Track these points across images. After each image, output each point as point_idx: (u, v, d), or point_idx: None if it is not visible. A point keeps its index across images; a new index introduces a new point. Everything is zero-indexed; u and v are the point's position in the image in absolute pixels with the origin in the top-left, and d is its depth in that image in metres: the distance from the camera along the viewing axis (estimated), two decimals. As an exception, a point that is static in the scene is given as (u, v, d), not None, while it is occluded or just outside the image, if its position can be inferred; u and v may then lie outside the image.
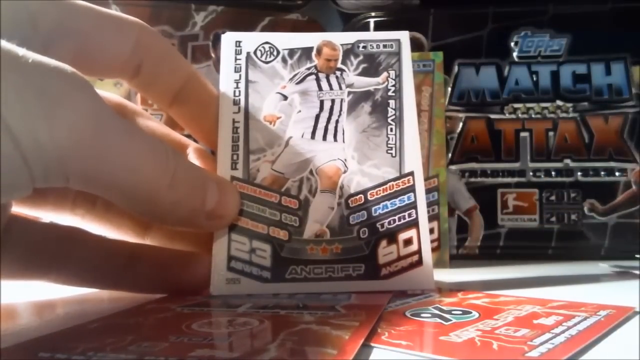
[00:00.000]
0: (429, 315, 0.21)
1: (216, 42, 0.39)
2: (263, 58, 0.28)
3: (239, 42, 0.28)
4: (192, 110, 0.27)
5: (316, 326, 0.19)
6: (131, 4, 0.38)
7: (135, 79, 0.26)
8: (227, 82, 0.28)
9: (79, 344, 0.18)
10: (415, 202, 0.26)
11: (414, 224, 0.26)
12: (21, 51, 0.18)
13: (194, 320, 0.20)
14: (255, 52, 0.28)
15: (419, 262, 0.26)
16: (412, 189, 0.27)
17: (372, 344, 0.18)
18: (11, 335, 0.21)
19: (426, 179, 0.36)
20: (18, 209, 0.25)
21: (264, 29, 0.40)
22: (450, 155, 0.41)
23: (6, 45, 0.18)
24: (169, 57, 0.27)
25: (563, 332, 0.19)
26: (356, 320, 0.20)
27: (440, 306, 0.23)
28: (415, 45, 0.41)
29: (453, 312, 0.22)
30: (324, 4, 0.43)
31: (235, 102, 0.27)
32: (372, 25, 0.42)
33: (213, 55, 0.40)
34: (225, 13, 0.40)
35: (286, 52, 0.28)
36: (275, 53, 0.28)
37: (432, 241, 0.36)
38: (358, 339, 0.18)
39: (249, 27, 0.40)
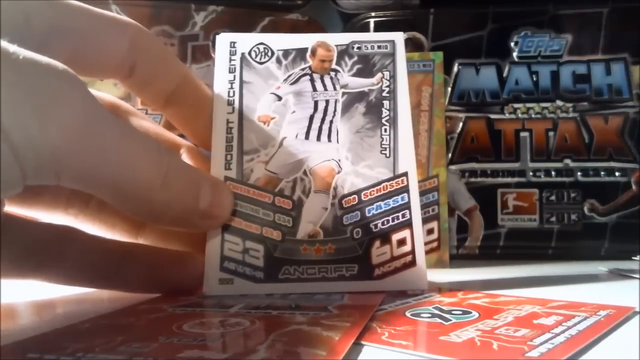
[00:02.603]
0: (429, 315, 0.21)
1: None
2: (257, 59, 0.28)
3: (234, 42, 0.28)
4: (186, 111, 0.27)
5: (307, 327, 0.19)
6: (131, 4, 0.38)
7: (129, 79, 0.26)
8: (221, 82, 0.27)
9: (69, 344, 0.17)
10: (409, 202, 0.26)
11: (408, 224, 0.26)
12: (12, 48, 0.18)
13: (186, 320, 0.20)
14: (249, 53, 0.28)
15: (413, 262, 0.26)
16: (405, 189, 0.27)
17: (372, 344, 0.18)
18: (7, 335, 0.21)
19: (426, 179, 0.36)
20: (11, 208, 0.25)
21: (264, 29, 0.40)
22: (450, 155, 0.41)
23: None
24: (164, 58, 0.27)
25: (563, 332, 0.19)
26: (347, 320, 0.20)
27: (440, 306, 0.23)
28: (415, 45, 0.41)
29: (453, 312, 0.22)
30: (324, 4, 0.43)
31: (230, 103, 0.27)
32: (372, 25, 0.42)
33: (213, 55, 0.40)
34: (225, 13, 0.40)
35: (281, 52, 0.28)
36: (269, 54, 0.28)
37: (432, 241, 0.36)
38: (348, 339, 0.18)
39: (249, 27, 0.40)
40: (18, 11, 0.21)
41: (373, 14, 0.42)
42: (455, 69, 0.41)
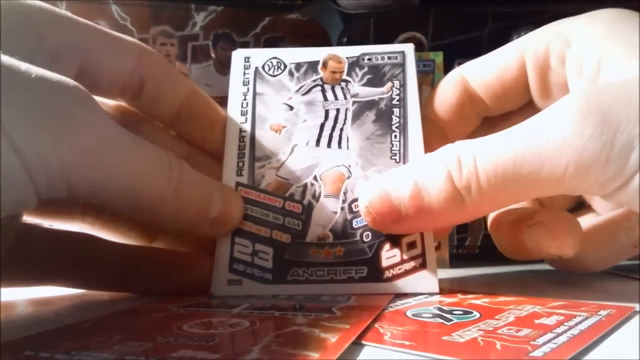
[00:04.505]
0: (430, 315, 0.21)
1: (216, 42, 0.39)
2: (270, 72, 0.28)
3: (248, 57, 0.29)
4: (197, 126, 0.28)
5: (306, 328, 0.19)
6: (131, 4, 0.38)
7: (137, 99, 0.26)
8: (235, 95, 0.28)
9: (66, 342, 0.18)
10: None
11: None
12: (24, 66, 0.18)
13: (187, 320, 0.20)
14: (263, 67, 0.29)
15: (423, 265, 0.26)
16: None
17: (375, 344, 0.18)
18: (10, 333, 0.21)
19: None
20: (31, 218, 0.26)
21: (263, 29, 0.40)
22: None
23: (9, 60, 0.18)
24: (169, 74, 0.27)
25: (565, 331, 0.19)
26: (348, 322, 0.20)
27: (441, 306, 0.23)
28: (415, 45, 0.41)
29: (454, 312, 0.22)
30: (324, 4, 0.43)
31: (243, 113, 0.28)
32: (372, 25, 0.42)
33: (213, 55, 0.39)
34: (225, 13, 0.40)
35: (293, 65, 0.29)
36: (282, 67, 0.29)
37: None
38: (345, 341, 0.18)
39: (249, 27, 0.40)
40: (30, 25, 0.21)
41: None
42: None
